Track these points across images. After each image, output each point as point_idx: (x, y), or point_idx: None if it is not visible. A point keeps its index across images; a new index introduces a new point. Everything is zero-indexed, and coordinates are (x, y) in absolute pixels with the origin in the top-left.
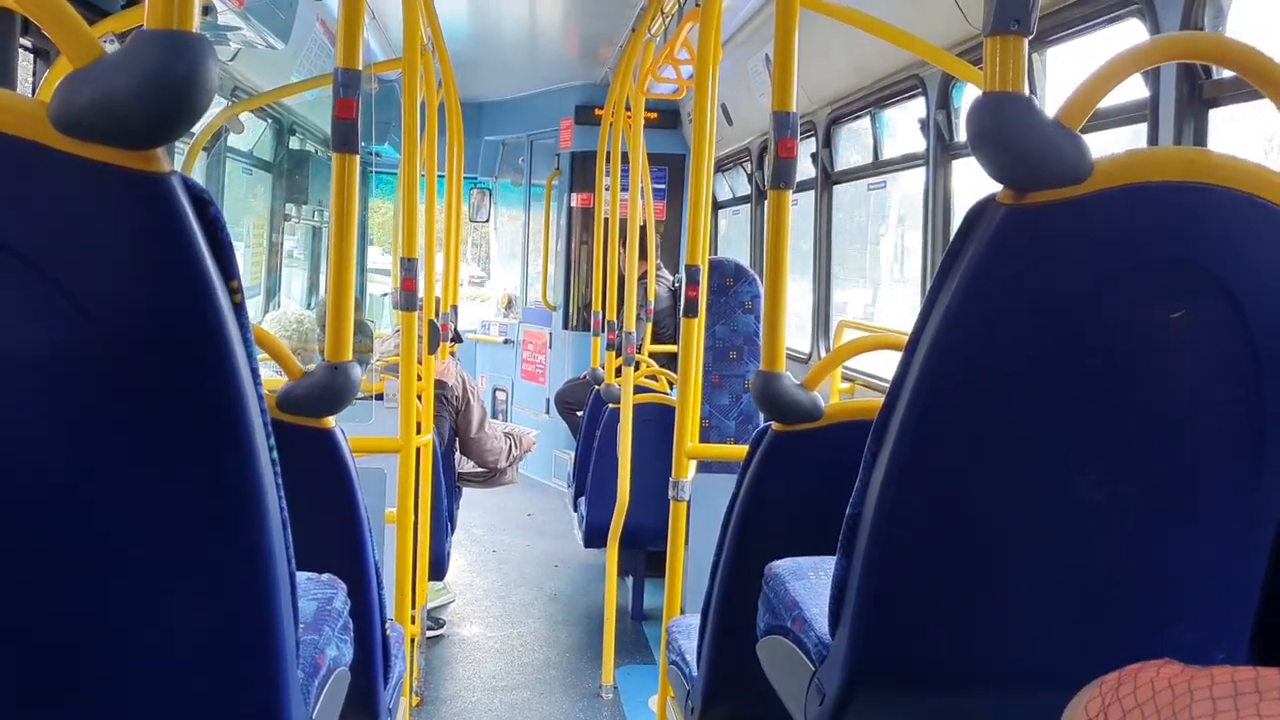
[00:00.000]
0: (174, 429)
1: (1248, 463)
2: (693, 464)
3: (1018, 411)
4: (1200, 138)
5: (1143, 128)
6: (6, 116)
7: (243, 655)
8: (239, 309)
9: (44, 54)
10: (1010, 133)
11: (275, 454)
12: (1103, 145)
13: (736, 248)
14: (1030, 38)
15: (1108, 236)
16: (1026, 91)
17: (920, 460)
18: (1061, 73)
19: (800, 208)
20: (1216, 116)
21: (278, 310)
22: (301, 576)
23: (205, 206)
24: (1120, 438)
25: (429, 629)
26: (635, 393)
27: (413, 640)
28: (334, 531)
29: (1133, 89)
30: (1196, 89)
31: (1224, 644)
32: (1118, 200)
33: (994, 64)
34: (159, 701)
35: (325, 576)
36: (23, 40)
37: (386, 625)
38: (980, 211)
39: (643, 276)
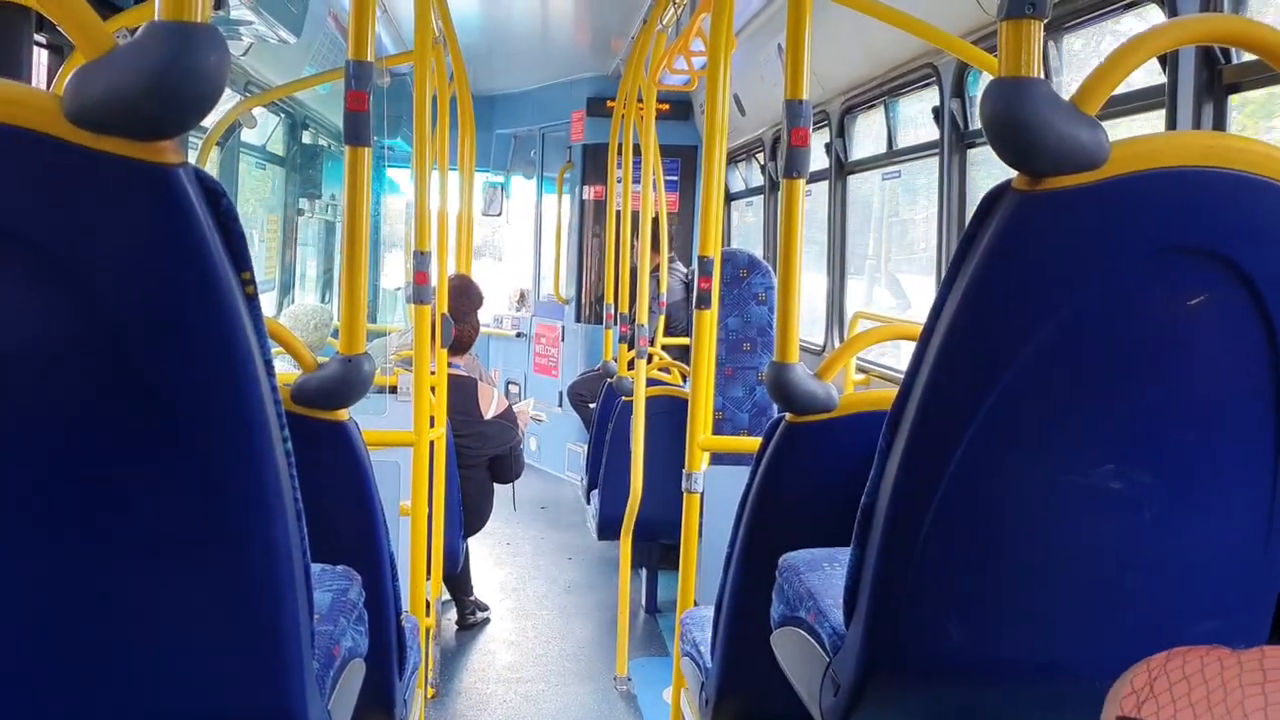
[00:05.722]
0: (188, 420)
1: (1267, 451)
2: (706, 456)
3: (1033, 400)
4: (1220, 124)
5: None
6: (19, 109)
7: (258, 645)
8: (252, 301)
9: (58, 50)
10: (1025, 118)
11: (289, 445)
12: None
13: (749, 240)
14: (1045, 22)
15: (1125, 223)
16: (1041, 77)
17: (935, 449)
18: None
19: (814, 199)
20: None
21: (293, 305)
22: (317, 568)
23: (218, 198)
24: (1137, 426)
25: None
26: (648, 385)
27: (427, 632)
28: (349, 523)
29: (1149, 75)
30: (1216, 74)
31: (1245, 634)
32: (1135, 186)
33: (1008, 48)
34: (175, 689)
35: (340, 568)
36: (37, 37)
37: (401, 617)
38: (995, 198)
39: (655, 269)
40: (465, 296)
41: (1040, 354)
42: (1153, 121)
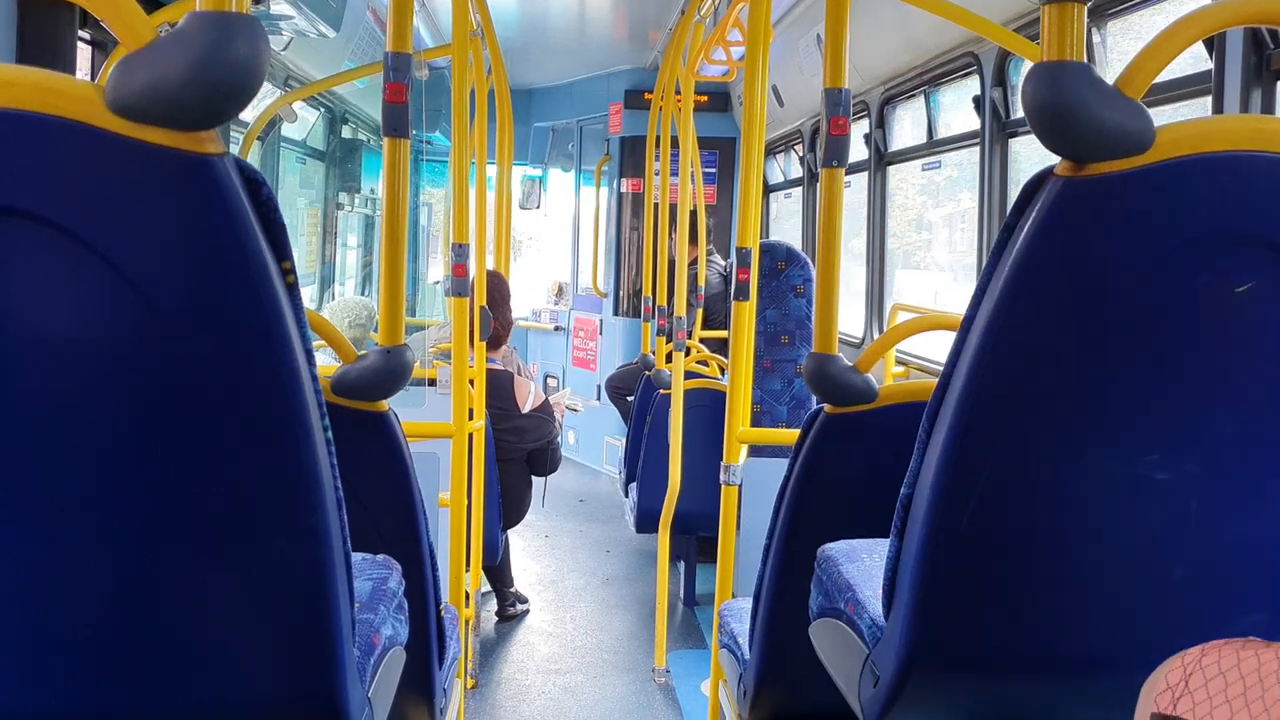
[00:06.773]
0: (229, 409)
1: None
2: (744, 448)
3: (1076, 389)
4: (1269, 110)
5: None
6: (62, 100)
7: (299, 632)
8: (292, 290)
9: (102, 46)
10: (1068, 102)
11: (330, 435)
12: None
13: (788, 232)
14: (1089, 5)
15: (1171, 208)
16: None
17: (975, 439)
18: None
19: (852, 191)
20: None
21: (334, 301)
22: (357, 557)
23: (258, 188)
24: (1182, 416)
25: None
26: (686, 378)
27: (467, 622)
28: (389, 513)
29: (1195, 61)
30: (1264, 58)
31: None
32: (1182, 171)
33: (1051, 32)
34: (218, 676)
35: (380, 557)
36: (81, 32)
37: (441, 607)
38: (1037, 184)
39: (693, 262)
40: (494, 293)
41: (1083, 342)
42: (1198, 109)
